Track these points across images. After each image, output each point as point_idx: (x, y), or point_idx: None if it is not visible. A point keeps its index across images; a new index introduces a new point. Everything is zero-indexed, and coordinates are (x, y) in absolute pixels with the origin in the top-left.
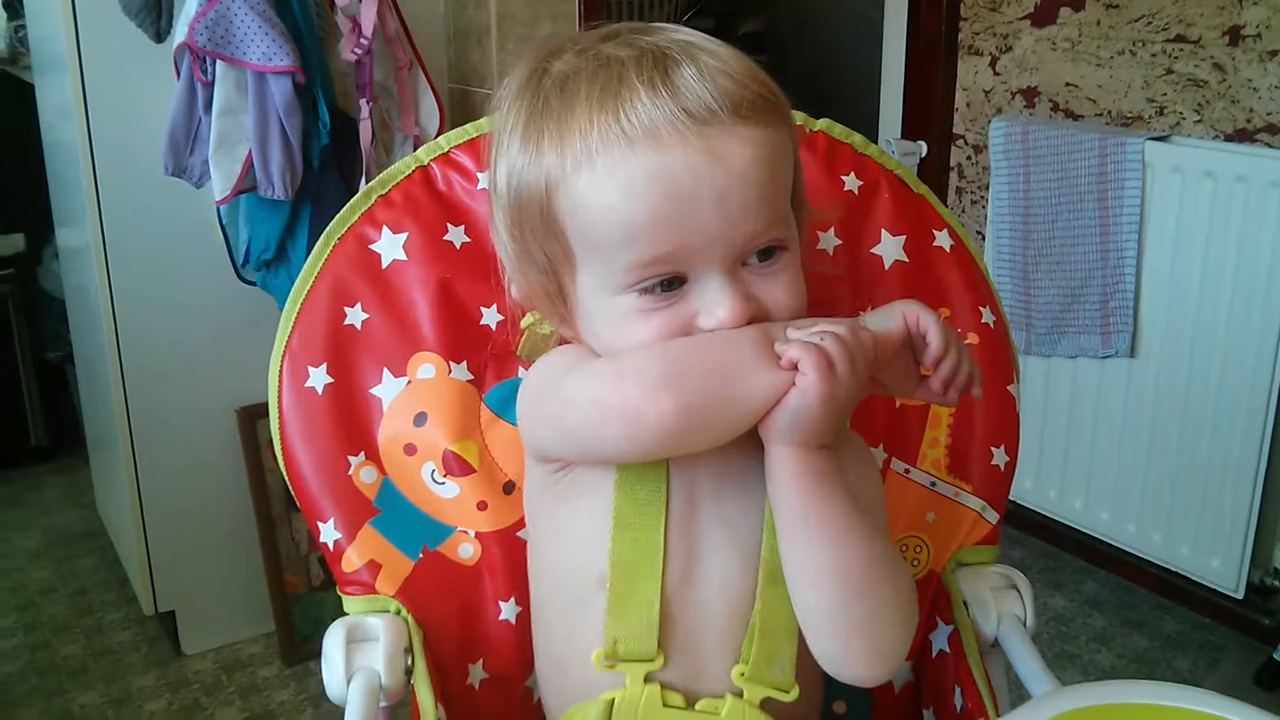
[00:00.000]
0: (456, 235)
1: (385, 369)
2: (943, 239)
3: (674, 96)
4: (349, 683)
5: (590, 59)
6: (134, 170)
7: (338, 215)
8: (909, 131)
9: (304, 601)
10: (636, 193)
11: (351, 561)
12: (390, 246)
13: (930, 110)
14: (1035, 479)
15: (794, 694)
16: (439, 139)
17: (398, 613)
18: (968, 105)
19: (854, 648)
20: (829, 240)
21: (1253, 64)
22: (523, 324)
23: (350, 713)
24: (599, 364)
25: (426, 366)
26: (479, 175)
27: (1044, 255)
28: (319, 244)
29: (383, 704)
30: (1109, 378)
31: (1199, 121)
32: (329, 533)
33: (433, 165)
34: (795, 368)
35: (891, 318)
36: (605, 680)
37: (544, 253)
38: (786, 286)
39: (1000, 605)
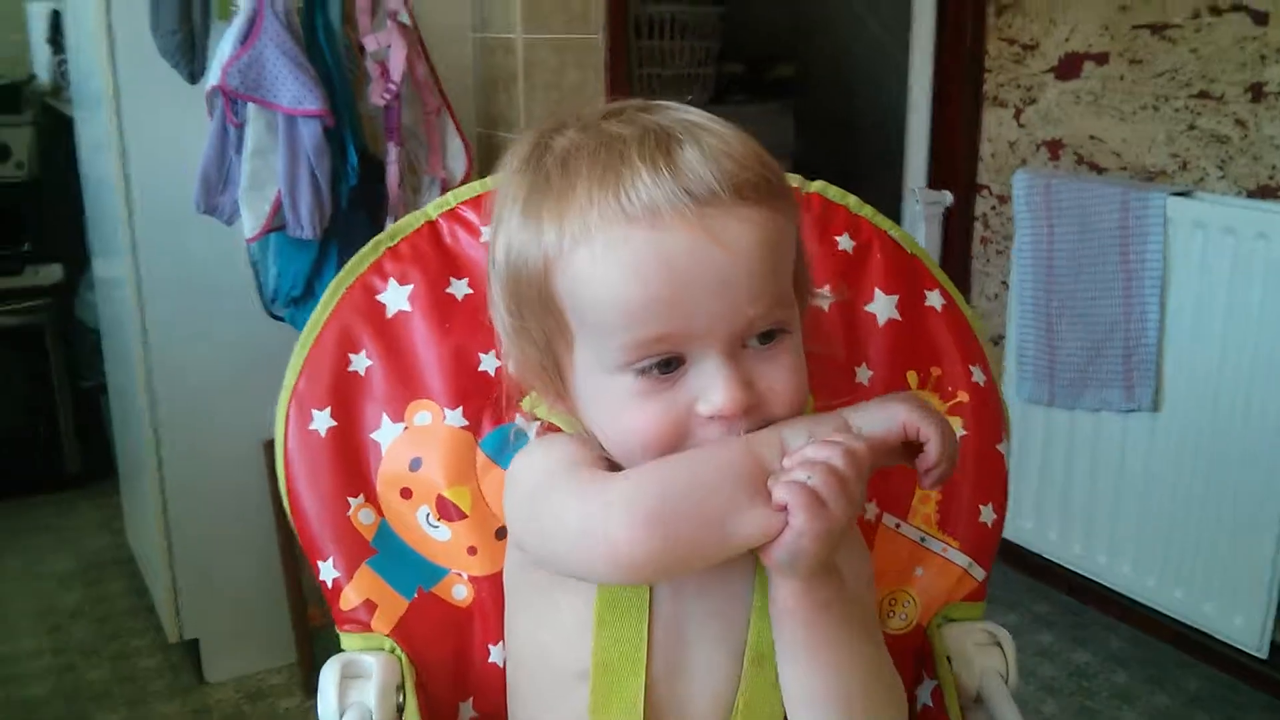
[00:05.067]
0: (459, 288)
1: (385, 414)
2: (934, 299)
3: (675, 176)
4: (342, 718)
5: (593, 136)
6: (169, 206)
7: (346, 265)
8: (935, 181)
9: (326, 634)
10: (635, 271)
11: (349, 600)
12: (396, 297)
13: (956, 160)
14: (1060, 533)
15: None
16: (447, 195)
17: (392, 651)
18: (992, 156)
19: None
20: (824, 297)
21: (1275, 121)
22: (524, 406)
23: None
24: (588, 488)
25: (424, 414)
26: (483, 229)
27: (1067, 308)
28: (328, 292)
29: None
30: (1132, 432)
31: (1222, 178)
32: (328, 571)
33: (440, 220)
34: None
35: (890, 420)
36: None
37: (541, 329)
38: (787, 371)
39: (983, 661)
